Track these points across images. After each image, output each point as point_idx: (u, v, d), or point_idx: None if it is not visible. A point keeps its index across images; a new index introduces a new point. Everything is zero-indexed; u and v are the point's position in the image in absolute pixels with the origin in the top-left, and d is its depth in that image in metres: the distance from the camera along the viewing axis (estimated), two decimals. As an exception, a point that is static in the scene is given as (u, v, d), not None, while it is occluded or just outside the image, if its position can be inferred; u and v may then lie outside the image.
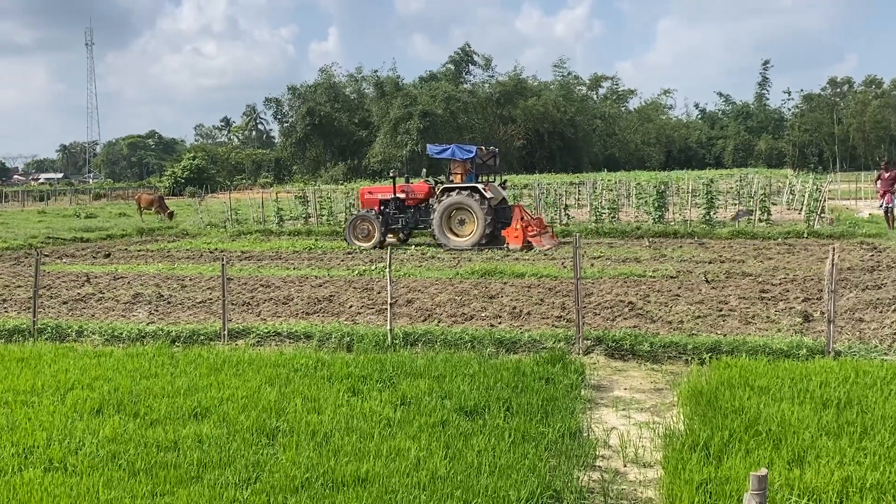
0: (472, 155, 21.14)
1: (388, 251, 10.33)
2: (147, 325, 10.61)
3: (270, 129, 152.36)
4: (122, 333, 10.15)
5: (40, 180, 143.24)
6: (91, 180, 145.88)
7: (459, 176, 21.71)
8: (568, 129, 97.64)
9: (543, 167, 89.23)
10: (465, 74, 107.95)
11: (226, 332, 9.92)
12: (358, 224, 22.16)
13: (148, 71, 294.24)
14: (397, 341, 9.30)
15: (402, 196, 22.23)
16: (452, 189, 21.09)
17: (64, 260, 19.97)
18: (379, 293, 12.87)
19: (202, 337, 9.96)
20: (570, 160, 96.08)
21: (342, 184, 64.98)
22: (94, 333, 10.28)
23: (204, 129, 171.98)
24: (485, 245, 20.57)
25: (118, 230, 29.39)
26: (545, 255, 18.54)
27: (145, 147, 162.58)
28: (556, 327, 10.01)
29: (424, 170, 25.42)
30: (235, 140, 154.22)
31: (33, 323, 10.42)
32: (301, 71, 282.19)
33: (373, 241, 21.70)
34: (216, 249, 22.50)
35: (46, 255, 20.69)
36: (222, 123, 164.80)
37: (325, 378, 7.61)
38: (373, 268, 16.38)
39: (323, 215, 29.69)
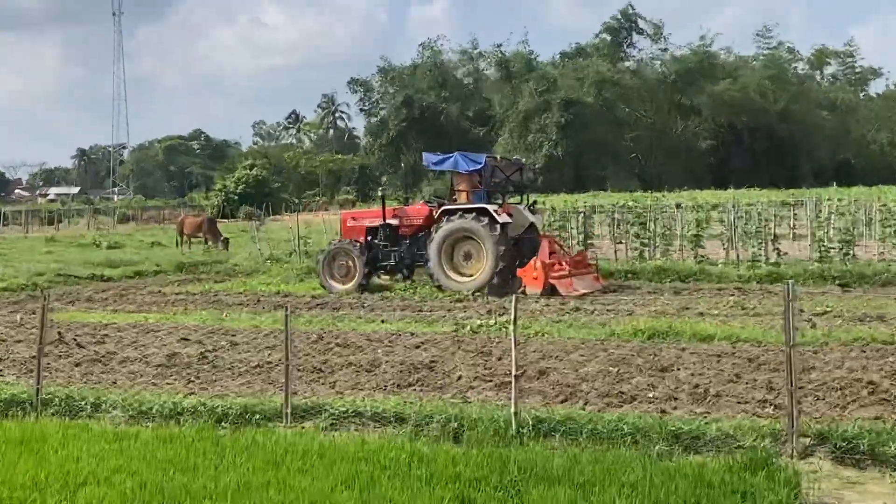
0: (479, 166, 21.69)
1: (514, 299, 10.35)
2: (185, 397, 11.01)
3: (354, 128, 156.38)
4: (151, 408, 10.57)
5: (50, 196, 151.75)
6: (116, 196, 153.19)
7: (465, 194, 22.18)
8: (778, 124, 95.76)
9: (741, 179, 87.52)
10: (627, 48, 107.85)
11: (289, 410, 10.16)
12: (335, 259, 22.93)
13: (192, 50, 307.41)
14: (525, 430, 9.30)
15: (395, 223, 22.89)
16: (455, 212, 21.51)
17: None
18: (500, 359, 12.87)
19: (258, 416, 10.25)
20: (782, 169, 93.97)
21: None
22: (114, 407, 10.74)
23: (265, 128, 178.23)
24: (499, 288, 20.89)
25: (150, 265, 30.63)
26: (742, 308, 18.12)
27: (188, 152, 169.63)
28: (759, 416, 9.78)
29: (429, 188, 25.97)
30: (307, 142, 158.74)
31: (36, 391, 10.97)
32: (396, 47, 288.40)
33: (353, 282, 22.54)
34: (279, 293, 23.09)
35: (55, 301, 21.78)
36: (289, 120, 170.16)
37: (424, 480, 7.69)
38: (492, 322, 16.45)
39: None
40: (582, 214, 31.27)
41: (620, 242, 30.23)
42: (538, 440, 9.16)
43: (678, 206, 39.98)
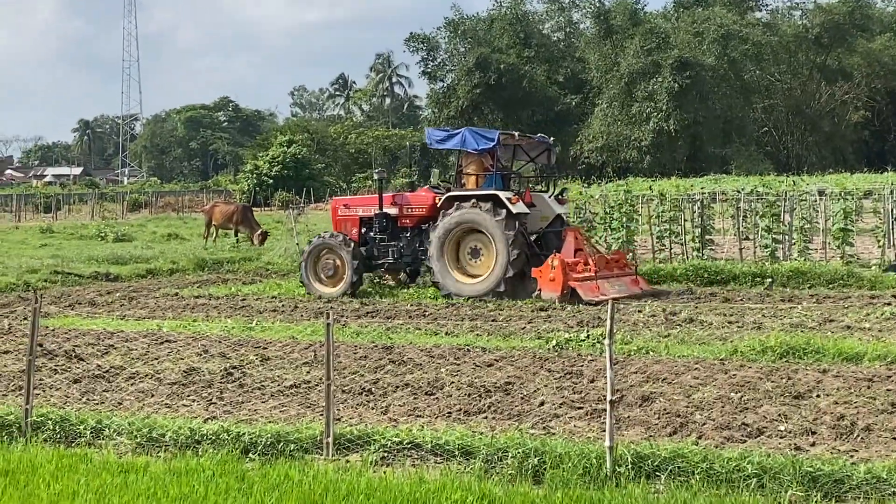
0: (491, 145, 22.11)
1: (611, 306, 10.27)
2: (204, 421, 11.10)
3: (415, 96, 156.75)
4: (164, 435, 10.68)
5: (47, 178, 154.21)
6: (126, 179, 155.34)
7: (474, 178, 22.66)
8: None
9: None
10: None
11: (330, 440, 10.21)
12: (321, 256, 23.63)
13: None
14: (622, 469, 9.25)
15: (394, 212, 23.44)
16: (461, 199, 21.90)
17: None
18: (592, 382, 12.86)
19: (292, 446, 10.31)
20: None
21: (537, 186, 65.56)
22: (119, 433, 10.87)
23: (307, 96, 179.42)
24: (512, 291, 21.52)
25: (166, 262, 31.03)
26: (862, 319, 17.85)
27: (212, 125, 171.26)
28: (920, 456, 9.61)
29: (435, 170, 26.22)
30: (357, 113, 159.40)
31: (25, 413, 11.13)
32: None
33: (342, 285, 23.23)
34: (320, 297, 23.22)
35: (51, 304, 22.11)
36: (336, 87, 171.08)
37: (496, 528, 7.67)
38: (582, 336, 16.39)
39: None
40: (699, 203, 30.96)
41: (747, 238, 29.95)
42: (638, 482, 9.10)
43: (821, 192, 39.33)
